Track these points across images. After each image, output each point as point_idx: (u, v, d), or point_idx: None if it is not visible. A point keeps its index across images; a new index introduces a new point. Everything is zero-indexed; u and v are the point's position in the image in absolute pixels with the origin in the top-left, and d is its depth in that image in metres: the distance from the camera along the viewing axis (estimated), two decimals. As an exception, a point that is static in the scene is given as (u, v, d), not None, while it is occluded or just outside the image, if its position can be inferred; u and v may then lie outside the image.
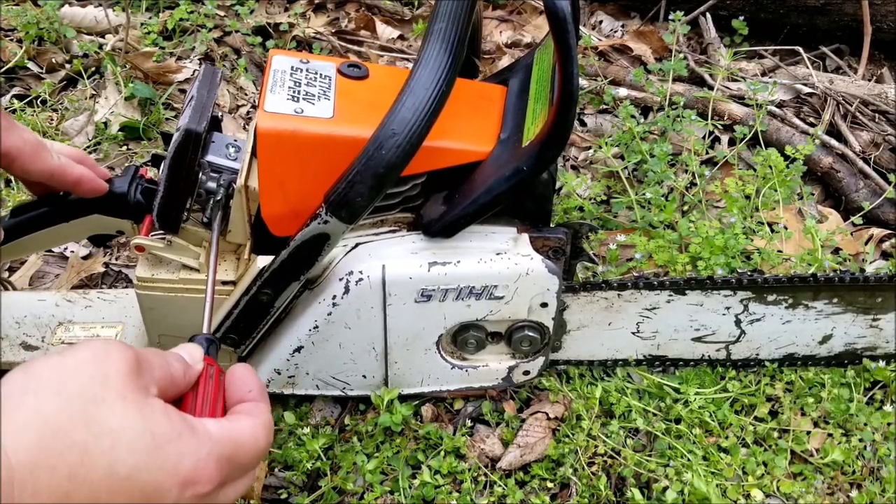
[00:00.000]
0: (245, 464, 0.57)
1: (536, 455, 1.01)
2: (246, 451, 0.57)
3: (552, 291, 0.93)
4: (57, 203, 0.90)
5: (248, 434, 0.58)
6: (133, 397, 0.51)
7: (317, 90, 0.86)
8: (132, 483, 0.49)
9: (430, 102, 0.75)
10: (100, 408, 0.49)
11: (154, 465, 0.50)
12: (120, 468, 0.48)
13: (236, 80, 1.64)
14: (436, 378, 1.01)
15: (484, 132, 0.89)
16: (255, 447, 0.58)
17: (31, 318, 1.06)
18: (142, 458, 0.49)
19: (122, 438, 0.49)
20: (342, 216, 0.80)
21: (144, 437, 0.50)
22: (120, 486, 0.48)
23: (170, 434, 0.52)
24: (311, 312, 0.91)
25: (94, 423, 0.48)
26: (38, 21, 1.63)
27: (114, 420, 0.49)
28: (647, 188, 1.32)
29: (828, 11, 1.74)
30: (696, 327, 1.04)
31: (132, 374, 0.52)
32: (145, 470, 0.49)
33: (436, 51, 0.77)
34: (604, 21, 1.89)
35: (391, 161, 0.75)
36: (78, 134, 1.47)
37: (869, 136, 1.50)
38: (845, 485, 1.01)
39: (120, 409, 0.50)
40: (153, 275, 0.91)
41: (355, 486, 0.96)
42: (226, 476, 0.55)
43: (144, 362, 0.55)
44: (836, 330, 1.05)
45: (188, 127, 0.82)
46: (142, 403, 0.52)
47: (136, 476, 0.49)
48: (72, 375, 0.50)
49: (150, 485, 0.49)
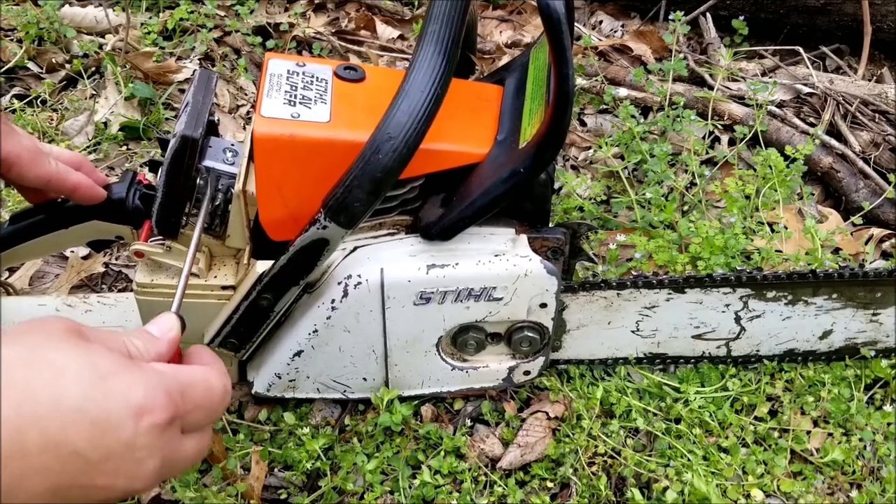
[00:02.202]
0: (199, 403, 0.56)
1: (536, 455, 1.01)
2: (199, 391, 0.56)
3: (551, 292, 0.93)
4: (55, 210, 0.89)
5: (200, 375, 0.57)
6: (76, 340, 0.51)
7: (313, 94, 0.85)
8: (82, 414, 0.48)
9: (425, 105, 0.75)
10: (40, 349, 0.49)
11: (101, 394, 0.49)
12: (66, 399, 0.47)
13: (236, 80, 1.64)
14: (436, 379, 1.01)
15: (481, 134, 0.89)
16: (207, 386, 0.57)
17: None
18: (88, 389, 0.48)
19: (66, 371, 0.48)
20: (341, 221, 0.80)
21: (88, 368, 0.49)
22: (70, 419, 0.47)
23: (114, 366, 0.51)
24: (310, 316, 0.91)
25: (34, 361, 0.48)
26: (38, 21, 1.63)
27: (55, 356, 0.49)
28: (647, 188, 1.32)
29: (828, 11, 1.74)
30: (695, 325, 1.04)
31: (74, 329, 0.52)
32: (93, 400, 0.48)
33: (430, 53, 0.77)
34: (604, 21, 1.89)
35: (388, 165, 0.75)
36: (78, 134, 1.47)
37: (869, 136, 1.50)
38: (845, 484, 1.01)
39: (63, 348, 0.50)
40: (153, 280, 0.91)
41: (355, 487, 0.96)
42: (180, 410, 0.53)
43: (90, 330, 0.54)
44: (836, 325, 1.06)
45: (184, 133, 0.82)
46: (85, 344, 0.51)
47: (84, 406, 0.48)
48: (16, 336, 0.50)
49: (102, 415, 0.48)
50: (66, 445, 0.47)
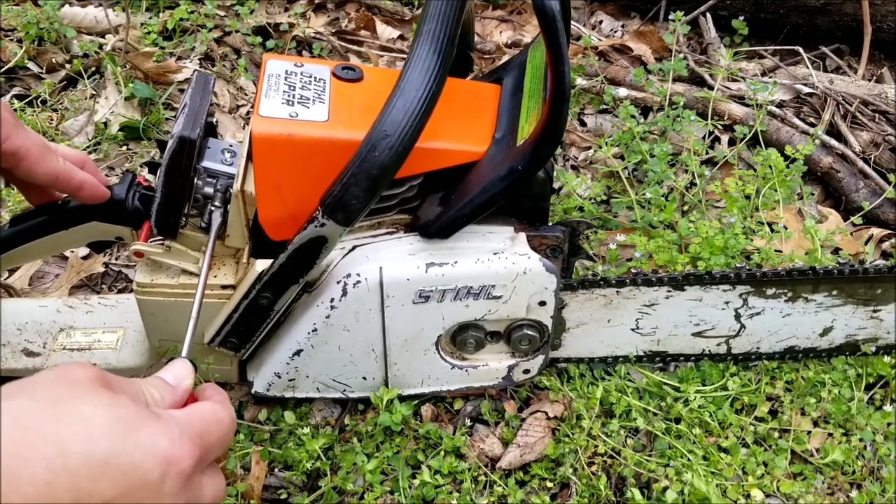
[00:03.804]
0: (214, 441, 0.58)
1: (536, 455, 1.01)
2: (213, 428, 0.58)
3: (550, 290, 0.93)
4: (55, 211, 0.90)
5: (210, 413, 0.59)
6: (102, 392, 0.52)
7: (311, 93, 0.86)
8: (112, 466, 0.48)
9: (420, 104, 0.75)
10: (70, 402, 0.50)
11: (130, 445, 0.50)
12: (97, 452, 0.48)
13: (236, 81, 1.64)
14: (436, 378, 1.01)
15: (479, 132, 0.89)
16: (218, 421, 0.59)
17: (32, 324, 1.06)
18: (117, 441, 0.49)
19: (95, 424, 0.49)
20: (338, 219, 0.80)
21: (117, 421, 0.50)
22: (101, 471, 0.48)
23: (140, 419, 0.52)
24: (309, 316, 0.91)
25: (65, 414, 0.49)
26: (38, 21, 1.63)
27: (85, 409, 0.50)
28: (647, 188, 1.32)
29: (828, 11, 1.74)
30: (695, 322, 1.04)
31: (98, 379, 0.53)
32: (123, 452, 0.49)
33: (425, 52, 0.77)
34: (604, 21, 1.89)
35: (384, 163, 0.76)
36: (78, 134, 1.47)
37: (869, 136, 1.50)
38: (845, 485, 1.01)
39: (90, 399, 0.51)
40: (153, 280, 0.91)
41: (355, 486, 0.96)
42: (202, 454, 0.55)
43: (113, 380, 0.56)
44: (836, 322, 1.06)
45: (181, 134, 0.82)
46: (110, 395, 0.52)
47: (114, 459, 0.49)
48: (41, 385, 0.51)
49: (131, 466, 0.49)
50: (96, 497, 0.48)
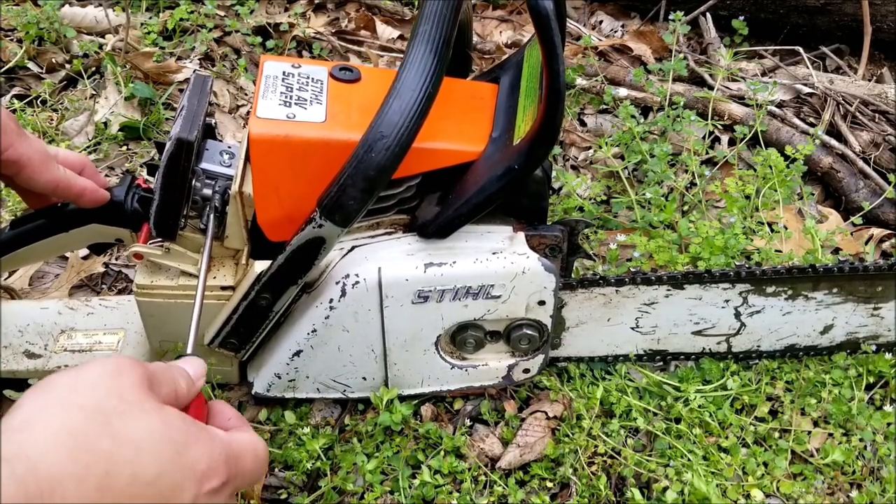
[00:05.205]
0: (245, 470, 0.60)
1: (536, 454, 1.01)
2: (247, 459, 0.60)
3: (549, 289, 0.92)
4: (55, 214, 0.90)
5: (249, 443, 0.62)
6: (150, 406, 0.54)
7: (309, 94, 0.86)
8: (154, 488, 0.51)
9: (416, 104, 0.75)
10: (122, 419, 0.52)
11: (176, 468, 0.53)
12: (144, 475, 0.51)
13: (236, 81, 1.64)
14: (436, 378, 1.01)
15: (476, 132, 0.89)
16: (255, 456, 0.61)
17: (33, 326, 1.06)
18: (165, 465, 0.52)
19: (145, 448, 0.52)
20: (336, 220, 0.80)
21: (166, 444, 0.53)
22: (142, 492, 0.51)
23: (188, 439, 0.55)
24: (309, 316, 0.91)
25: (118, 434, 0.51)
26: (38, 21, 1.63)
27: (136, 430, 0.52)
28: (647, 188, 1.32)
29: (828, 11, 1.74)
30: (695, 321, 1.04)
31: (145, 386, 0.56)
32: (167, 474, 0.52)
33: (421, 53, 0.77)
34: (604, 21, 1.89)
35: (381, 163, 0.76)
36: (78, 134, 1.47)
37: (869, 136, 1.50)
38: (845, 485, 1.01)
39: (141, 419, 0.53)
40: (152, 282, 0.91)
41: (355, 486, 0.96)
42: (231, 476, 0.57)
43: (153, 376, 0.58)
44: (836, 320, 1.06)
45: (179, 136, 0.82)
46: (160, 412, 0.55)
47: (158, 482, 0.51)
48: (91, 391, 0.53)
49: (170, 486, 0.52)
50: None
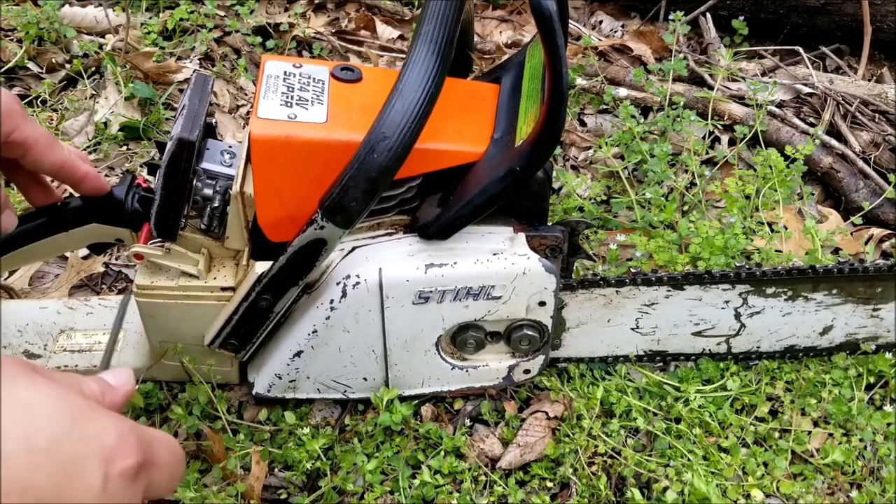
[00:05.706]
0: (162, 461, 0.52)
1: (536, 454, 1.01)
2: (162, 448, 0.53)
3: (550, 290, 0.93)
4: (55, 213, 0.90)
5: (163, 436, 0.54)
6: (43, 378, 0.48)
7: (310, 95, 0.85)
8: (53, 457, 0.44)
9: (419, 105, 0.75)
10: (9, 387, 0.45)
11: (76, 435, 0.46)
12: (38, 439, 0.44)
13: (236, 81, 1.64)
14: (436, 379, 1.01)
15: (477, 133, 0.89)
16: (170, 448, 0.54)
17: (33, 326, 1.06)
18: (62, 429, 0.45)
19: (38, 409, 0.45)
20: (337, 221, 0.80)
21: (62, 408, 0.46)
22: (42, 460, 0.44)
23: (87, 408, 0.48)
24: (309, 317, 0.91)
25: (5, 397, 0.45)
26: (38, 21, 1.63)
27: (26, 394, 0.46)
28: (647, 188, 1.32)
29: (828, 11, 1.74)
30: (695, 322, 1.04)
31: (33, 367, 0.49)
32: (67, 441, 0.45)
33: (423, 53, 0.77)
34: (604, 21, 1.89)
35: (383, 165, 0.75)
36: (78, 134, 1.47)
37: (869, 136, 1.50)
38: (845, 485, 1.01)
39: (32, 384, 0.47)
40: (152, 282, 0.91)
41: (355, 487, 0.96)
42: (146, 461, 0.50)
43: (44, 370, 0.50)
44: (836, 321, 1.06)
45: (181, 136, 0.82)
46: (51, 382, 0.48)
47: (56, 448, 0.45)
48: None
49: (72, 458, 0.45)
50: (32, 490, 0.44)
